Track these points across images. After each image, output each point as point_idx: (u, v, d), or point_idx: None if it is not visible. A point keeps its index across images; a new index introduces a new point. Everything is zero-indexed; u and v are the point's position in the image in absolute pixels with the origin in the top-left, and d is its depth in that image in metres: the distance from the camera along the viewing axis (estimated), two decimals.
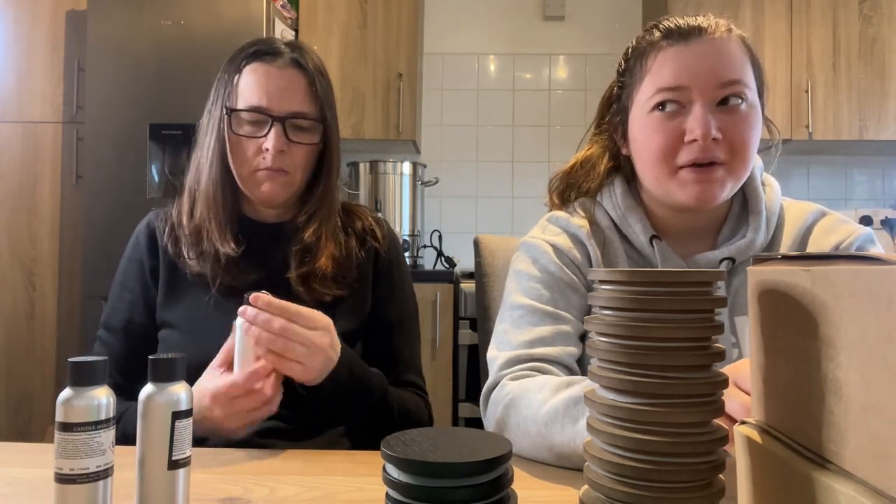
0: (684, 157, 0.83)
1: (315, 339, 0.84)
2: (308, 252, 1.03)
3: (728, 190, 0.85)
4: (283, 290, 1.02)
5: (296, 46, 1.04)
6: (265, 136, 0.99)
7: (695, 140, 0.81)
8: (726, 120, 0.82)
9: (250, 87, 1.00)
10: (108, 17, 2.48)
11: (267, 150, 0.98)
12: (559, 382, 0.77)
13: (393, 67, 2.84)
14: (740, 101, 0.83)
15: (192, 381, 0.91)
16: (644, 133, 0.87)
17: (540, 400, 0.76)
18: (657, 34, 0.87)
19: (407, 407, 1.02)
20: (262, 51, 1.01)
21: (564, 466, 0.74)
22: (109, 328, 1.05)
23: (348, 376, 0.91)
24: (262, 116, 0.99)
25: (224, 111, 1.01)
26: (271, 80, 0.99)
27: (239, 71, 1.02)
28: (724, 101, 0.83)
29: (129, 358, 1.01)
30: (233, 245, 1.00)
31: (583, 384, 0.74)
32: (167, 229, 1.05)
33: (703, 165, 0.83)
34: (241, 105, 1.00)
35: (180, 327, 1.01)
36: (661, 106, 0.84)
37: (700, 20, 0.85)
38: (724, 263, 0.88)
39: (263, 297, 0.82)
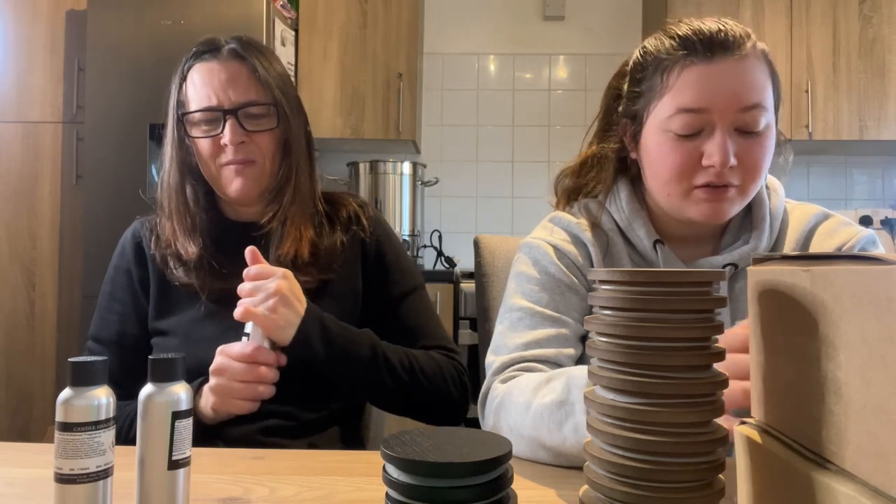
0: (700, 179, 0.83)
1: (265, 284, 0.90)
2: (274, 239, 1.02)
3: (737, 207, 0.86)
4: None
5: (236, 38, 1.03)
6: (221, 132, 0.99)
7: (712, 165, 0.82)
8: (743, 144, 0.82)
9: (196, 87, 1.00)
10: (107, 17, 2.48)
11: (226, 145, 0.99)
12: (538, 382, 0.77)
13: (393, 67, 2.84)
14: (759, 126, 0.82)
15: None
16: (660, 151, 0.86)
17: (524, 403, 0.77)
18: (679, 46, 0.83)
19: (417, 365, 0.99)
20: (202, 50, 1.02)
21: (565, 465, 0.74)
22: (100, 340, 1.04)
23: (320, 327, 0.93)
24: (214, 114, 0.99)
25: (176, 119, 1.02)
26: (214, 76, 0.99)
27: (184, 77, 1.02)
28: (742, 125, 0.82)
29: (122, 370, 0.99)
30: (194, 248, 1.00)
31: (560, 380, 0.74)
32: (153, 239, 1.05)
33: (716, 187, 0.83)
34: (191, 107, 1.00)
35: (174, 334, 1.01)
36: (680, 128, 0.83)
37: (724, 29, 0.82)
38: (727, 269, 0.88)
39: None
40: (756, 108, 0.81)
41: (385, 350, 0.98)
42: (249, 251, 0.94)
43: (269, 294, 0.90)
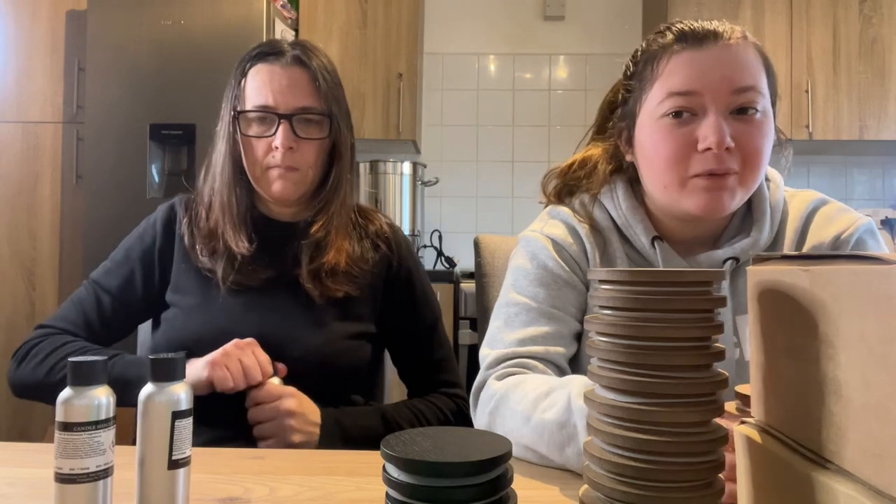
0: (697, 167, 0.80)
1: (278, 406, 0.92)
2: (317, 247, 1.04)
3: (738, 200, 0.82)
4: (294, 287, 1.03)
5: (299, 45, 1.05)
6: (273, 134, 1.01)
7: (708, 149, 0.79)
8: (739, 128, 0.80)
9: (255, 88, 1.02)
10: (108, 17, 2.48)
11: (276, 147, 1.00)
12: (538, 393, 0.76)
13: (393, 67, 2.84)
14: (755, 110, 0.80)
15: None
16: (653, 140, 0.84)
17: (522, 413, 0.76)
18: (670, 37, 0.84)
19: (423, 418, 1.05)
20: (265, 52, 1.03)
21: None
22: (98, 284, 1.07)
23: (339, 429, 0.96)
24: (269, 115, 1.01)
25: (232, 114, 1.03)
26: (275, 79, 1.01)
27: (244, 74, 1.04)
28: (737, 110, 0.80)
29: (101, 319, 1.05)
30: (245, 243, 1.02)
31: (561, 395, 0.72)
32: (185, 220, 1.08)
33: (717, 175, 0.80)
34: (248, 106, 1.02)
35: (187, 314, 1.03)
36: (672, 112, 0.81)
37: (715, 24, 0.82)
38: (728, 263, 0.87)
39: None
40: (750, 90, 0.80)
41: (395, 417, 1.03)
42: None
43: (284, 415, 0.92)
